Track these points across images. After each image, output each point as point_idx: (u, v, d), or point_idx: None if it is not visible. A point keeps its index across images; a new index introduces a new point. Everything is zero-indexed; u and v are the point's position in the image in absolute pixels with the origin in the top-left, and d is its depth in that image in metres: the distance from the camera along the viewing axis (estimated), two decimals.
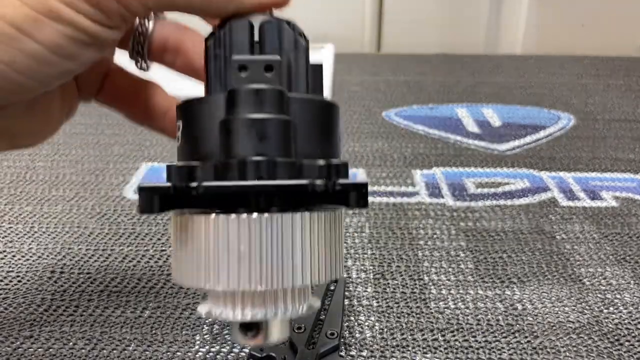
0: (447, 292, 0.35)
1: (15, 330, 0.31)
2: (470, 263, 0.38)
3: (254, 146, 0.21)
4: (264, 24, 0.23)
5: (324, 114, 0.23)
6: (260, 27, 0.23)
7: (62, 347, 0.30)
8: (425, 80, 0.75)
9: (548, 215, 0.44)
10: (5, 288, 0.34)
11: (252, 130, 0.21)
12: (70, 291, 0.34)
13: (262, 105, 0.21)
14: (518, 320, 0.32)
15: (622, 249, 0.39)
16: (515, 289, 0.35)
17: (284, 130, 0.21)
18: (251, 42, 0.23)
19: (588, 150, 0.55)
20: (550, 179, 0.49)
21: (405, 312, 0.33)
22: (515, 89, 0.72)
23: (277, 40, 0.23)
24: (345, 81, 0.73)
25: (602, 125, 0.61)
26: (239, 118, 0.21)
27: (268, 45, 0.23)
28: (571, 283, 0.36)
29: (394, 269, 0.37)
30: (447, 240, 0.40)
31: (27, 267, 0.36)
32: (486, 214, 0.44)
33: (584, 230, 0.42)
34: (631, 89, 0.72)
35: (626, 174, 0.51)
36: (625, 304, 0.34)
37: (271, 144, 0.21)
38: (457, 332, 0.32)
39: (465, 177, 0.50)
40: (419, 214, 0.44)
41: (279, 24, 0.23)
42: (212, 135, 0.21)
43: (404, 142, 0.56)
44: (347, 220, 0.42)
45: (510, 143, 0.57)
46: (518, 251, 0.39)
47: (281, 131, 0.21)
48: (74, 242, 0.39)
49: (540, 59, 0.84)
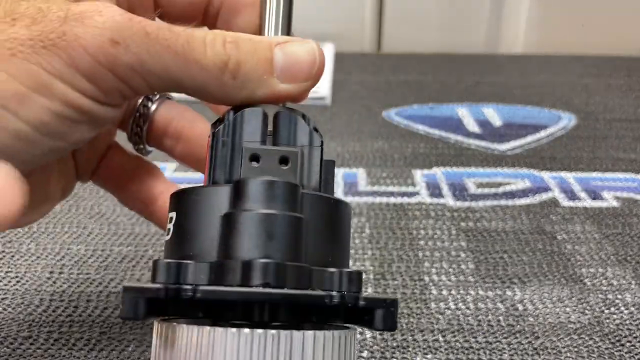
0: (448, 292, 0.35)
1: (14, 330, 0.31)
2: (471, 263, 0.37)
3: (261, 246, 0.18)
4: (278, 114, 0.21)
5: (337, 215, 0.21)
6: (275, 116, 0.21)
7: (61, 347, 0.30)
8: (425, 80, 0.75)
9: (549, 215, 0.43)
10: (4, 288, 0.34)
11: (260, 227, 0.18)
12: (69, 292, 0.34)
13: (273, 199, 0.18)
14: (519, 321, 0.32)
15: (623, 249, 0.39)
16: (516, 290, 0.35)
17: (296, 230, 0.19)
18: (264, 131, 0.20)
19: (589, 150, 0.55)
20: (551, 179, 0.49)
21: (406, 313, 0.33)
22: (516, 88, 0.72)
23: (293, 133, 0.21)
24: (345, 81, 0.73)
25: (603, 125, 0.61)
26: (246, 212, 0.18)
27: (282, 136, 0.21)
28: (572, 283, 0.36)
29: (394, 269, 0.37)
30: (448, 241, 0.40)
31: (25, 268, 0.36)
32: (487, 214, 0.43)
33: (585, 230, 0.41)
34: (632, 88, 0.72)
35: (627, 174, 0.51)
36: (627, 304, 0.34)
37: (281, 244, 0.18)
38: (458, 332, 0.31)
39: (465, 177, 0.49)
40: (420, 214, 0.43)
41: (295, 116, 0.21)
42: (210, 230, 0.19)
43: (404, 142, 0.56)
44: None
45: (511, 143, 0.57)
46: (519, 251, 0.39)
47: (293, 231, 0.18)
48: (73, 242, 0.39)
49: (541, 59, 0.84)
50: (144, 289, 0.17)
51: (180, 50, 0.20)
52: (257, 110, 0.21)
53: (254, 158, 0.20)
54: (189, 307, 0.18)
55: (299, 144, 0.21)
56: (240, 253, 0.18)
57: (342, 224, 0.21)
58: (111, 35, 0.19)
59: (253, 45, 0.21)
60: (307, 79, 0.22)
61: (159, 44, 0.19)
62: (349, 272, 0.19)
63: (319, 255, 0.19)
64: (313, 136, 0.21)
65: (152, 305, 0.17)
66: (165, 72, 0.20)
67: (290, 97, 0.22)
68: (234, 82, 0.21)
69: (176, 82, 0.20)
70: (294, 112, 0.21)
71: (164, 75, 0.20)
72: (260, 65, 0.21)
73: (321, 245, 0.20)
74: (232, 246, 0.18)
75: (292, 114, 0.21)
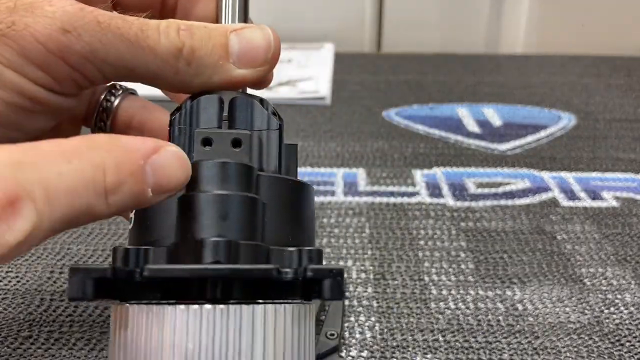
0: (448, 292, 0.35)
1: (14, 330, 0.31)
2: (471, 263, 0.38)
3: (214, 226, 0.18)
4: (234, 99, 0.21)
5: (297, 196, 0.21)
6: (231, 102, 0.21)
7: (62, 347, 0.30)
8: (425, 80, 0.75)
9: (549, 215, 0.43)
10: (5, 288, 0.34)
11: (213, 208, 0.18)
12: None
13: (227, 180, 0.19)
14: (519, 321, 0.32)
15: (622, 249, 0.39)
16: (515, 290, 0.35)
17: (250, 209, 0.19)
18: (220, 117, 0.21)
19: (589, 150, 0.55)
20: (551, 179, 0.49)
21: (406, 313, 0.33)
22: (516, 88, 0.72)
23: (249, 117, 0.21)
24: (345, 81, 0.73)
25: (603, 125, 0.61)
26: (200, 194, 0.18)
27: (238, 121, 0.21)
28: (572, 283, 0.36)
29: (394, 269, 0.37)
30: (448, 241, 0.40)
31: (26, 267, 0.36)
32: (487, 214, 0.43)
33: (584, 230, 0.42)
34: (632, 88, 0.72)
35: (627, 174, 0.51)
36: (626, 304, 0.34)
37: (234, 224, 0.18)
38: (458, 332, 0.31)
39: (465, 177, 0.49)
40: (419, 214, 0.43)
41: (251, 101, 0.21)
42: (168, 215, 0.19)
43: (404, 142, 0.56)
44: (347, 220, 0.42)
45: (511, 143, 0.57)
46: (519, 251, 0.39)
47: (247, 210, 0.19)
48: (73, 242, 0.39)
49: (541, 59, 0.84)
50: (90, 270, 0.17)
51: (134, 39, 0.20)
52: (213, 96, 0.21)
53: (206, 142, 0.20)
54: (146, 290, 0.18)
55: (256, 128, 0.21)
56: (195, 234, 0.18)
57: (303, 205, 0.21)
58: (62, 24, 0.19)
59: (207, 32, 0.21)
60: (263, 64, 0.21)
61: (111, 32, 0.19)
62: (309, 250, 0.19)
63: (278, 236, 0.19)
64: (270, 120, 0.21)
65: (101, 286, 0.17)
66: (119, 61, 0.20)
67: (247, 82, 0.22)
68: (188, 69, 0.20)
69: (131, 70, 0.20)
70: (250, 97, 0.21)
71: (118, 64, 0.20)
72: (215, 51, 0.21)
73: (281, 226, 0.20)
74: (187, 228, 0.18)
75: (249, 99, 0.21)
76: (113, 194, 0.17)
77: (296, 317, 0.18)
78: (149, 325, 0.17)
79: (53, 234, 0.16)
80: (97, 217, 0.17)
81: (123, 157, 0.17)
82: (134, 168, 0.17)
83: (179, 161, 0.18)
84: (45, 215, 0.15)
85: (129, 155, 0.17)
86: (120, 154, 0.17)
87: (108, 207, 0.17)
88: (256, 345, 0.17)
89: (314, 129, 0.58)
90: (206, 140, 0.20)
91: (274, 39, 0.22)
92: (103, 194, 0.16)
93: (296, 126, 0.59)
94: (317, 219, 0.42)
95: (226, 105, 0.21)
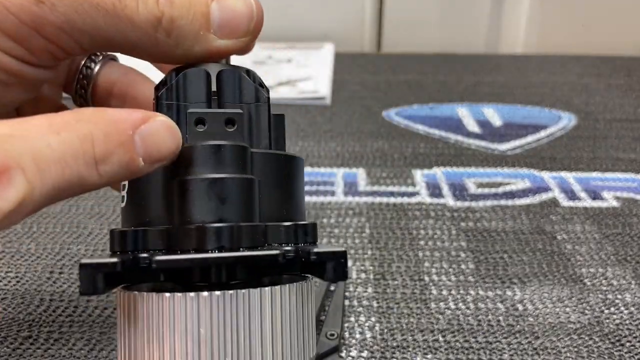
0: (448, 292, 0.35)
1: (14, 330, 0.31)
2: (471, 263, 0.37)
3: (213, 210, 0.18)
4: (221, 73, 0.21)
5: (288, 171, 0.21)
6: (218, 76, 0.20)
7: (61, 347, 0.30)
8: (425, 80, 0.75)
9: (549, 215, 0.43)
10: (4, 288, 0.34)
11: (212, 193, 0.18)
12: (69, 292, 0.34)
13: (223, 163, 0.19)
14: (519, 321, 0.32)
15: (623, 249, 0.39)
16: (516, 290, 0.35)
17: (248, 191, 0.19)
18: (208, 92, 0.20)
19: (589, 150, 0.55)
20: (551, 179, 0.49)
21: (406, 313, 0.33)
22: (516, 88, 0.72)
23: (238, 91, 0.21)
24: (345, 81, 0.73)
25: (603, 125, 0.61)
26: (198, 178, 0.18)
27: (227, 96, 0.20)
28: (572, 283, 0.36)
29: (394, 269, 0.37)
30: (448, 241, 0.40)
31: (25, 268, 0.36)
32: (487, 214, 0.43)
33: (584, 230, 0.41)
34: (632, 88, 0.72)
35: (627, 174, 0.51)
36: (627, 304, 0.34)
37: (234, 207, 0.18)
38: (458, 332, 0.31)
39: (465, 177, 0.49)
40: (420, 214, 0.43)
41: (238, 74, 0.21)
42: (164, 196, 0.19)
43: (404, 142, 0.56)
44: (347, 220, 0.42)
45: (511, 143, 0.57)
46: (519, 251, 0.39)
47: (245, 192, 0.19)
48: (73, 243, 0.39)
49: (541, 59, 0.84)
50: (100, 265, 0.17)
51: (111, 9, 0.19)
52: (199, 70, 0.20)
53: (199, 122, 0.20)
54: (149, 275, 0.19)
55: (245, 102, 0.21)
56: (194, 218, 0.18)
57: (294, 179, 0.21)
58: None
59: (188, 1, 0.20)
60: (245, 34, 0.21)
61: (87, 2, 0.19)
62: (304, 225, 0.20)
63: (273, 211, 0.20)
64: (259, 92, 0.21)
65: (111, 278, 0.17)
66: (97, 31, 0.19)
67: (229, 53, 0.21)
68: (168, 40, 0.20)
69: (108, 41, 0.20)
70: (237, 69, 0.21)
71: (95, 35, 0.19)
72: (195, 20, 0.20)
73: (275, 201, 0.20)
74: (186, 212, 0.18)
75: (236, 72, 0.21)
76: (103, 164, 0.17)
77: (300, 295, 0.19)
78: (160, 313, 0.18)
79: (47, 203, 0.16)
80: (90, 186, 0.17)
81: (111, 128, 0.17)
82: (122, 138, 0.17)
83: (169, 130, 0.18)
84: (36, 185, 0.15)
85: (117, 126, 0.17)
86: (108, 125, 0.17)
87: (100, 177, 0.17)
88: (265, 326, 0.18)
89: (314, 129, 0.58)
90: (199, 120, 0.20)
91: (256, 7, 0.21)
92: (93, 164, 0.17)
93: (296, 126, 0.59)
94: (317, 219, 0.42)
95: (213, 79, 0.21)
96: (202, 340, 0.17)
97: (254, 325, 0.18)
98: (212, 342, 0.17)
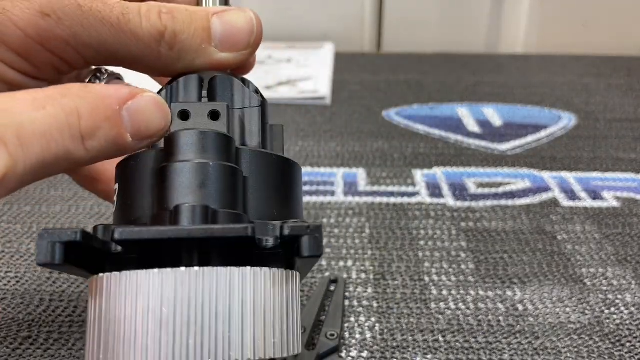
0: (448, 292, 0.35)
1: (14, 331, 0.31)
2: (471, 263, 0.37)
3: (192, 194, 0.18)
4: (214, 78, 0.21)
5: (282, 172, 0.20)
6: (210, 81, 0.21)
7: (61, 347, 0.30)
8: (425, 80, 0.75)
9: (549, 215, 0.43)
10: (4, 289, 0.34)
11: (191, 176, 0.18)
12: (69, 292, 0.34)
13: (205, 150, 0.18)
14: (519, 321, 0.32)
15: (623, 250, 0.39)
16: (516, 290, 0.35)
17: (229, 178, 0.18)
18: (199, 94, 0.20)
19: (589, 150, 0.55)
20: (551, 179, 0.49)
21: (406, 313, 0.33)
22: (516, 88, 0.72)
23: (229, 95, 0.21)
24: (345, 81, 0.73)
25: (603, 125, 0.61)
26: (178, 163, 0.18)
27: (217, 98, 0.21)
28: (572, 283, 0.36)
29: (394, 269, 0.37)
30: (448, 241, 0.40)
31: (25, 268, 0.36)
32: (487, 214, 0.43)
33: (585, 230, 0.41)
34: (633, 88, 0.72)
35: (628, 174, 0.51)
36: (627, 304, 0.34)
37: (213, 191, 0.18)
38: (458, 333, 0.31)
39: (466, 177, 0.49)
40: (420, 214, 0.43)
41: (231, 79, 0.21)
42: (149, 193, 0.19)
43: (404, 142, 0.56)
44: (347, 220, 0.42)
45: (511, 143, 0.57)
46: (519, 251, 0.39)
47: (225, 178, 0.18)
48: None
49: (542, 59, 0.84)
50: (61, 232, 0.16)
51: (116, 22, 0.19)
52: (192, 76, 0.21)
53: (183, 115, 0.20)
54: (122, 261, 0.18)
55: (236, 106, 0.21)
56: (171, 203, 0.18)
57: (288, 182, 0.20)
58: (41, 8, 0.18)
59: (189, 15, 0.20)
60: (245, 47, 0.21)
61: (92, 16, 0.19)
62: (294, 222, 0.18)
63: (262, 211, 0.19)
64: (252, 98, 0.21)
65: (71, 251, 0.16)
66: (101, 45, 0.19)
67: (229, 66, 0.22)
68: (170, 53, 0.20)
69: (112, 55, 0.20)
70: (230, 76, 0.21)
71: (100, 48, 0.20)
72: (197, 34, 0.20)
73: (265, 201, 0.19)
74: (164, 197, 0.18)
75: (229, 77, 0.21)
76: (90, 139, 0.17)
77: (278, 281, 0.18)
78: (122, 292, 0.16)
79: (33, 178, 0.16)
80: (77, 162, 0.17)
81: (97, 103, 0.17)
82: (109, 113, 0.17)
83: (157, 106, 0.18)
84: (19, 158, 0.15)
85: (104, 101, 0.17)
86: (95, 100, 0.17)
87: (87, 152, 0.17)
88: (233, 308, 0.16)
89: (314, 129, 0.58)
90: (183, 113, 0.20)
91: (256, 22, 0.22)
92: (79, 138, 0.17)
93: (296, 126, 0.59)
94: (317, 219, 0.42)
95: (206, 83, 0.21)
96: (164, 321, 0.16)
97: (221, 307, 0.16)
98: (175, 323, 0.16)
